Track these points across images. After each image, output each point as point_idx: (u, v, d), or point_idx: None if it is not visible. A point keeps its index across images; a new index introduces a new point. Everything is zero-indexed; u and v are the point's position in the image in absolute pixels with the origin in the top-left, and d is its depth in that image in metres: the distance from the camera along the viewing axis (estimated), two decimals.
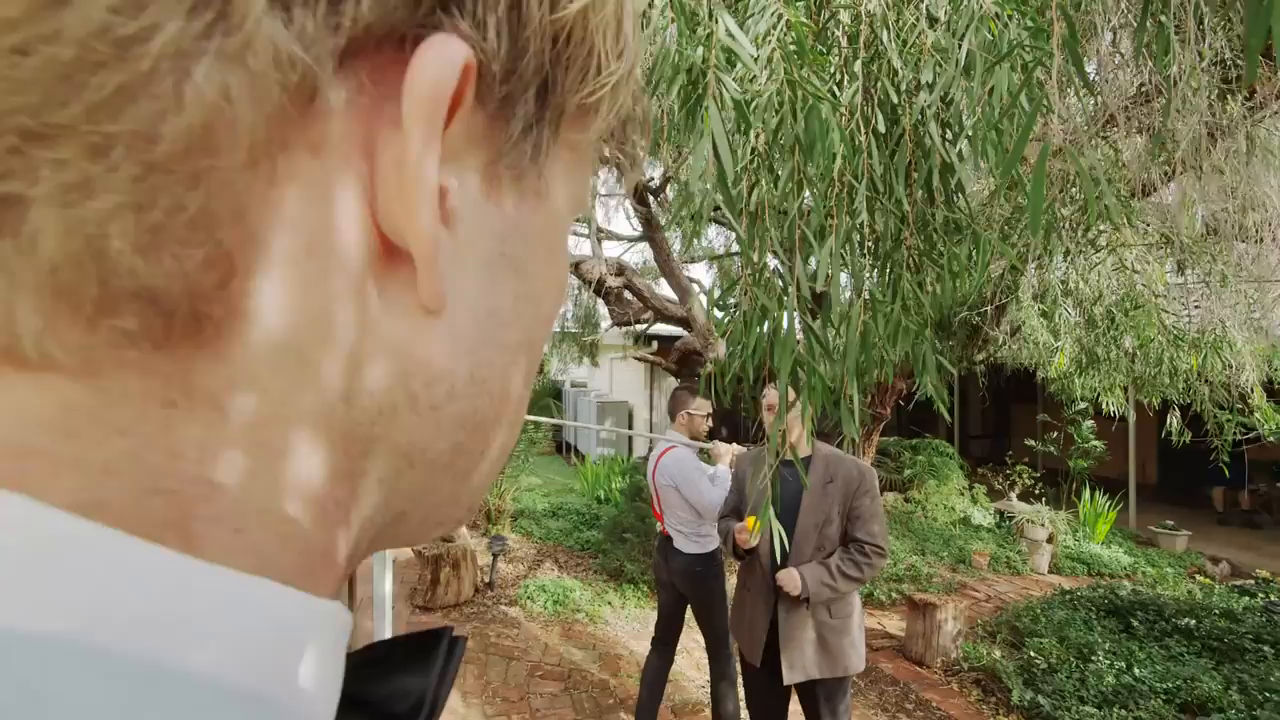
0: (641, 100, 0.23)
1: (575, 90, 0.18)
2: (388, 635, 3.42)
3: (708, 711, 2.99)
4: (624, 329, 7.95)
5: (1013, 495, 6.87)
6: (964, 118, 0.70)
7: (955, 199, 0.83)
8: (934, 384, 0.82)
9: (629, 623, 4.41)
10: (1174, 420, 3.52)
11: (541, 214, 0.20)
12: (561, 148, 0.20)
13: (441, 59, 0.14)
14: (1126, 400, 4.06)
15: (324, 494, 0.16)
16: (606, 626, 4.35)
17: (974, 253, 0.86)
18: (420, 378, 0.17)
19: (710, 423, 2.93)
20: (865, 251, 0.83)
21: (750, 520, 2.27)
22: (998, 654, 3.84)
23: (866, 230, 0.81)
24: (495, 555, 4.94)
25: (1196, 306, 2.90)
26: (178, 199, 0.12)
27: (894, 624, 4.46)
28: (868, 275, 0.83)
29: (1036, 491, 6.70)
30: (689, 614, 2.91)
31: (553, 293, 0.21)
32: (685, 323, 5.86)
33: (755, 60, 0.64)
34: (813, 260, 0.75)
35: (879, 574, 4.80)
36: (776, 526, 1.08)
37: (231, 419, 0.14)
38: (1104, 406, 3.80)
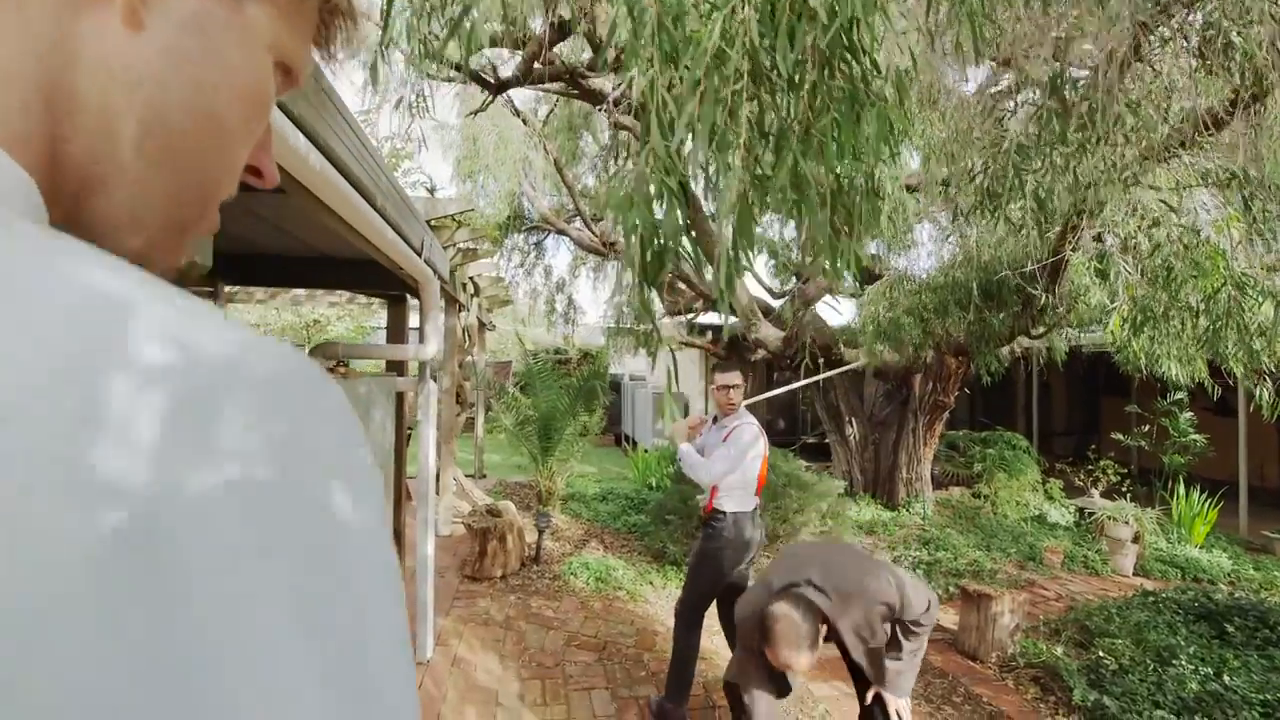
0: None
1: None
2: (430, 597, 3.58)
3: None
4: (676, 319, 7.97)
5: (1094, 492, 6.29)
6: None
7: (864, 73, 0.79)
8: (834, 265, 0.78)
9: (669, 603, 4.42)
10: (1263, 391, 3.07)
11: (237, 19, 0.28)
12: None
13: None
14: (1222, 380, 3.60)
15: (25, 109, 0.24)
16: (646, 605, 4.38)
17: (876, 126, 0.82)
18: (118, 64, 0.25)
19: (733, 394, 2.91)
20: (751, 126, 0.81)
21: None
22: (1060, 651, 3.55)
23: (750, 104, 0.79)
24: (541, 531, 5.09)
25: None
26: None
27: (948, 618, 4.22)
28: (743, 148, 0.80)
29: (1123, 489, 6.10)
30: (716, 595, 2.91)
31: (244, 77, 0.29)
32: (732, 308, 5.83)
33: None
34: (688, 138, 0.74)
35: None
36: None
37: None
38: (1166, 374, 3.38)
